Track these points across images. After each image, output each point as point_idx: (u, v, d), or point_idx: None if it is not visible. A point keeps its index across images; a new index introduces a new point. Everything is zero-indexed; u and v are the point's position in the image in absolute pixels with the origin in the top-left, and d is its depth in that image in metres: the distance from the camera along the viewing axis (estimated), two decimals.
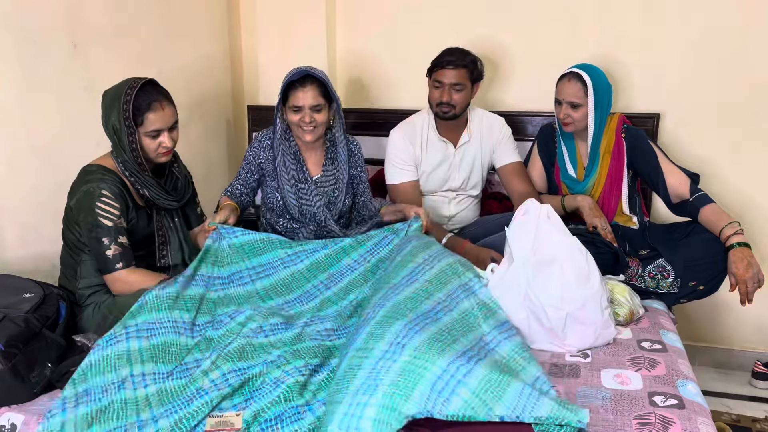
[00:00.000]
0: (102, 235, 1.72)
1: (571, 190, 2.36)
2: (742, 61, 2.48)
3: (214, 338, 1.63)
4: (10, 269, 1.90)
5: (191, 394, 1.44)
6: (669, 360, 1.64)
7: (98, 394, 1.41)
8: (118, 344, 1.51)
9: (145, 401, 1.41)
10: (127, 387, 1.43)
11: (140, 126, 1.77)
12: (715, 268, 2.07)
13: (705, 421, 1.35)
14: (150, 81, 1.81)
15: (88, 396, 1.40)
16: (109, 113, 1.77)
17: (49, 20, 2.02)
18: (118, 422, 1.36)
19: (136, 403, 1.41)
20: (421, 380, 1.27)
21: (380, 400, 1.24)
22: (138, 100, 1.76)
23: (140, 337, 1.54)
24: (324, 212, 2.15)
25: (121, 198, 1.76)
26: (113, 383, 1.43)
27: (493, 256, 2.07)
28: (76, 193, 1.77)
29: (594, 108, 2.21)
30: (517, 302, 1.71)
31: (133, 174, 1.80)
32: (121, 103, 1.75)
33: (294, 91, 2.06)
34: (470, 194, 2.49)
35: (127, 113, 1.74)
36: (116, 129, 1.76)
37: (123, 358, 1.49)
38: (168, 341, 1.57)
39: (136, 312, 1.60)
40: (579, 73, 2.21)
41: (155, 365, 1.50)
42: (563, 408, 1.25)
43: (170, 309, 1.63)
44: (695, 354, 2.67)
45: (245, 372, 1.48)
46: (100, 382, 1.43)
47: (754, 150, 2.53)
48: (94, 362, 1.47)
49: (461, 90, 2.31)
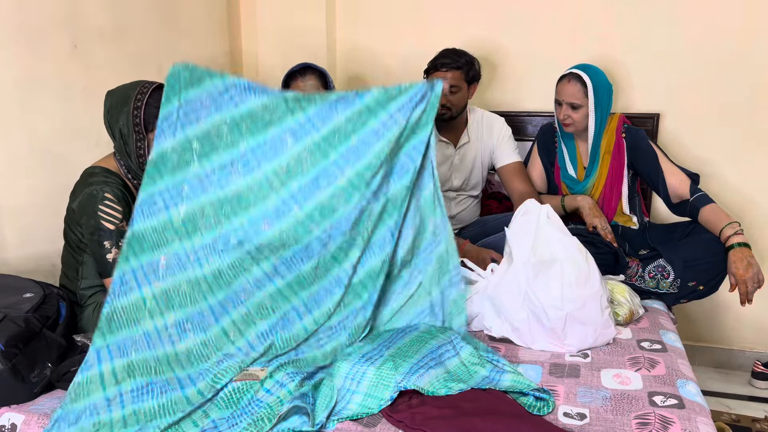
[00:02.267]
0: (104, 238, 1.72)
1: (571, 190, 2.36)
2: (742, 61, 2.48)
3: (223, 271, 1.59)
4: (10, 269, 1.90)
5: (219, 358, 1.52)
6: (669, 360, 1.64)
7: (128, 348, 1.48)
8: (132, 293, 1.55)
9: (175, 359, 1.50)
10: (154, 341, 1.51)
11: (150, 132, 1.76)
12: (715, 268, 2.07)
13: (705, 421, 1.35)
14: (160, 86, 1.80)
15: (120, 349, 1.48)
16: (116, 116, 1.75)
17: (49, 20, 2.02)
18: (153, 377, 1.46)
19: (168, 360, 1.50)
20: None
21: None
22: (149, 106, 1.74)
23: (150, 283, 1.56)
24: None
25: (123, 201, 1.76)
26: (140, 336, 1.51)
27: (493, 256, 2.07)
28: (79, 195, 1.76)
29: (594, 108, 2.21)
30: (517, 302, 1.71)
31: (136, 177, 1.80)
32: (131, 108, 1.73)
33: (294, 81, 2.11)
34: (470, 194, 2.49)
35: (138, 119, 1.73)
36: (123, 134, 1.75)
37: (142, 309, 1.53)
38: (179, 279, 1.57)
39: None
40: (579, 73, 2.21)
41: (174, 312, 1.54)
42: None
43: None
44: (695, 354, 2.68)
45: (268, 337, 1.58)
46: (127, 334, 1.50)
47: (754, 150, 2.53)
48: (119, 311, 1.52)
49: (457, 92, 2.30)
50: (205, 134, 1.63)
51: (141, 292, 1.53)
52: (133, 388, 1.43)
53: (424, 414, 1.34)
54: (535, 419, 1.34)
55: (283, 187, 1.63)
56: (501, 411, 1.36)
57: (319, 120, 1.66)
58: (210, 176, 1.61)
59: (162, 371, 1.47)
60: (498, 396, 1.43)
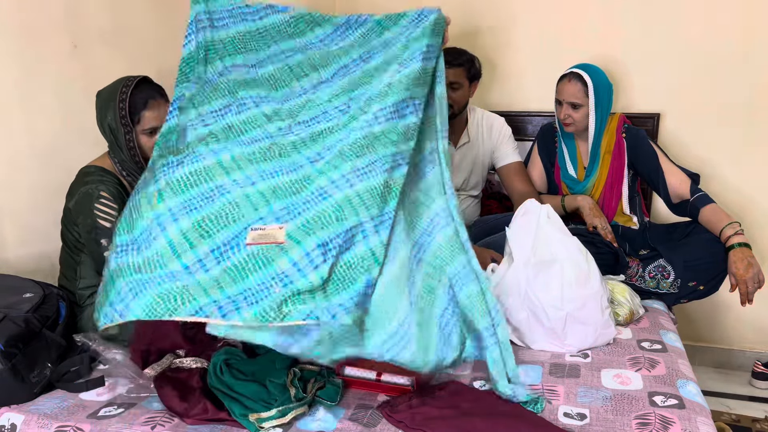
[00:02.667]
0: (100, 236, 1.72)
1: (572, 190, 2.36)
2: (742, 61, 2.48)
3: (233, 125, 1.53)
4: (10, 269, 1.90)
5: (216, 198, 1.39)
6: (669, 360, 1.64)
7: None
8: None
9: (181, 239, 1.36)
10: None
11: (137, 124, 1.77)
12: (715, 269, 2.07)
13: (705, 421, 1.35)
14: (145, 78, 1.81)
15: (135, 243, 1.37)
16: (104, 113, 1.77)
17: (49, 20, 2.02)
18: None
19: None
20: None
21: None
22: (134, 98, 1.76)
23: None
24: None
25: (119, 199, 1.76)
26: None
27: (493, 256, 2.07)
28: (75, 194, 1.77)
29: (594, 108, 2.21)
30: (517, 302, 1.72)
31: (131, 174, 1.80)
32: (116, 102, 1.75)
33: None
34: (470, 194, 2.49)
35: (123, 111, 1.74)
36: (113, 129, 1.77)
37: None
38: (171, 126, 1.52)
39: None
40: (579, 73, 2.21)
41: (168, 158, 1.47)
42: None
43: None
44: (695, 354, 2.68)
45: (272, 176, 1.42)
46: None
47: (754, 150, 2.53)
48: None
49: (458, 88, 2.31)
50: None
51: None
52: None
53: (424, 414, 1.34)
54: (535, 419, 1.34)
55: (305, 77, 1.71)
56: (501, 411, 1.36)
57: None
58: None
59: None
60: (498, 396, 1.43)
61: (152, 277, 1.30)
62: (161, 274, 1.31)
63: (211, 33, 1.70)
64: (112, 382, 1.52)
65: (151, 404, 1.44)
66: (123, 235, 1.39)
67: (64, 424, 1.36)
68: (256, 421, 1.32)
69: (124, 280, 1.31)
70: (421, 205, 1.61)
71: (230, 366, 1.47)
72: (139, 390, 1.48)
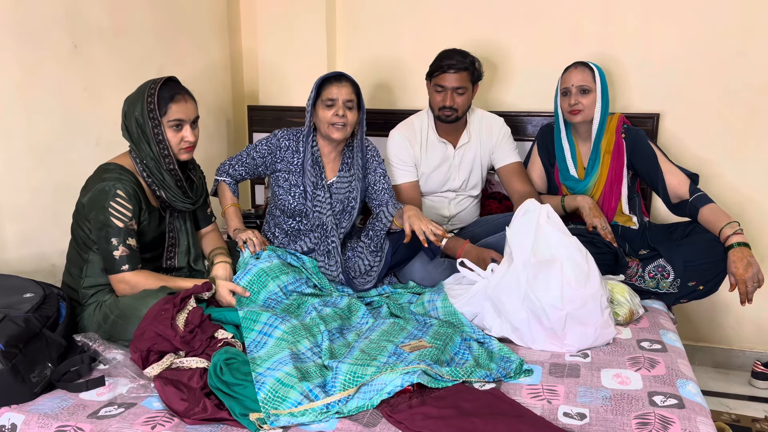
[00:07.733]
0: (111, 235, 1.72)
1: (572, 190, 2.36)
2: (742, 61, 2.48)
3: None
4: (10, 269, 1.90)
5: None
6: (669, 360, 1.64)
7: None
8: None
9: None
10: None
11: (164, 116, 1.78)
12: (714, 268, 2.07)
13: (705, 421, 1.35)
14: (171, 78, 1.83)
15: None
16: (132, 110, 1.79)
17: (49, 20, 2.03)
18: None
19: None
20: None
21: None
22: (162, 92, 1.79)
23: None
24: (332, 222, 2.15)
25: (135, 199, 1.76)
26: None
27: (493, 256, 2.07)
28: (90, 189, 1.75)
29: (601, 96, 2.21)
30: (517, 302, 1.72)
31: (152, 175, 1.80)
32: (145, 97, 1.77)
33: (329, 86, 2.07)
34: (470, 194, 2.49)
35: (152, 105, 1.77)
36: (140, 123, 1.77)
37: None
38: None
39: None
40: (585, 61, 2.24)
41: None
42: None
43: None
44: (695, 354, 2.68)
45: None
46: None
47: (754, 150, 2.53)
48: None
49: (463, 93, 2.30)
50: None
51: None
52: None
53: (424, 414, 1.34)
54: (535, 419, 1.34)
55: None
56: (501, 411, 1.36)
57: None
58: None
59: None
60: (498, 396, 1.43)
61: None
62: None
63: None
64: (112, 382, 1.52)
65: (151, 404, 1.44)
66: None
67: (64, 424, 1.36)
68: (257, 421, 1.32)
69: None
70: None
71: (230, 366, 1.47)
72: (139, 390, 1.48)
